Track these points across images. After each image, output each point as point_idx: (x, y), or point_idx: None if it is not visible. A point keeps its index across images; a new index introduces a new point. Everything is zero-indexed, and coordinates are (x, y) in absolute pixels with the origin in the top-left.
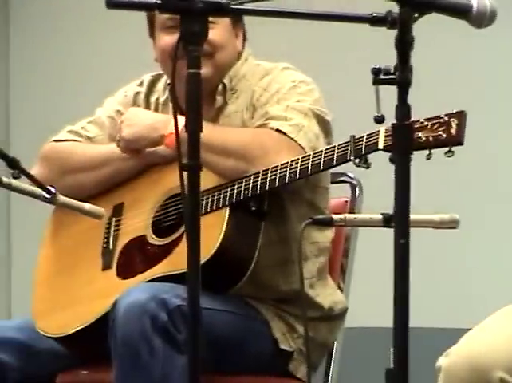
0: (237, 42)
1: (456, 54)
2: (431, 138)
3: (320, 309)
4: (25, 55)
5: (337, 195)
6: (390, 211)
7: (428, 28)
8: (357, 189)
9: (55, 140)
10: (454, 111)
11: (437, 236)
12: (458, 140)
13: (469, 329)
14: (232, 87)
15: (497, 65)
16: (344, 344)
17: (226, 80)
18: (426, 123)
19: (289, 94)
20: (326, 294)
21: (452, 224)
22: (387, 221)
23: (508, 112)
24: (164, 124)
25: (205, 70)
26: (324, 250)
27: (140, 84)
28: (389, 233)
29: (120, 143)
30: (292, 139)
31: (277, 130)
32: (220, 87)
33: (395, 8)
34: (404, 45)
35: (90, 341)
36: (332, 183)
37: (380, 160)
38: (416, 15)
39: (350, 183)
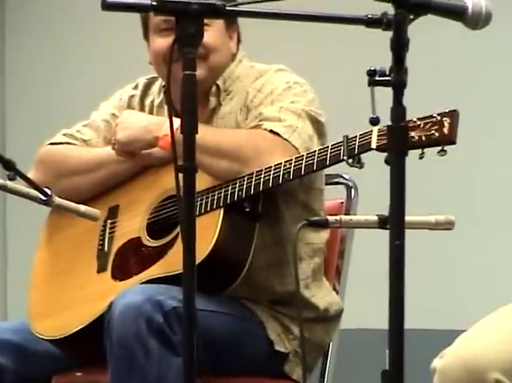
0: (231, 44)
1: (449, 53)
2: (423, 137)
3: (316, 310)
4: (21, 56)
5: (333, 196)
6: (385, 212)
7: (421, 27)
8: (352, 190)
9: (50, 143)
10: (447, 110)
11: (432, 237)
12: (450, 139)
13: (464, 331)
14: (226, 88)
15: (491, 64)
16: (340, 345)
17: (219, 82)
18: (418, 122)
19: (283, 95)
20: (321, 295)
21: (448, 225)
22: (382, 222)
23: (500, 112)
24: (158, 125)
25: (199, 72)
26: (319, 251)
27: (135, 88)
28: (385, 234)
29: (115, 145)
30: (286, 140)
31: (271, 131)
32: (214, 88)
33: (391, 9)
34: (400, 47)
35: (86, 342)
36: (327, 184)
37: (376, 161)
38: (412, 17)
39: (345, 184)
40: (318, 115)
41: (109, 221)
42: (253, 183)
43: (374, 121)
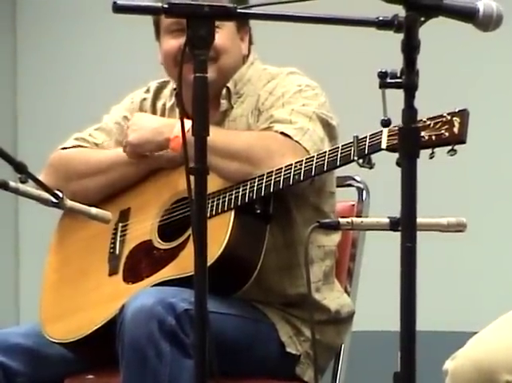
0: (242, 46)
1: (459, 53)
2: (433, 137)
3: (327, 312)
4: (32, 59)
5: (344, 198)
6: (397, 214)
7: (430, 27)
8: (364, 193)
9: (62, 148)
10: (457, 109)
11: (444, 239)
12: (460, 139)
13: (476, 333)
14: (237, 91)
15: (502, 64)
16: (352, 347)
17: (230, 85)
18: (428, 122)
19: (294, 98)
20: (333, 298)
21: (459, 227)
22: (394, 225)
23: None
24: (169, 127)
25: (208, 74)
26: (330, 254)
27: (147, 91)
28: (396, 236)
29: (126, 147)
30: (296, 142)
31: (282, 133)
32: (224, 91)
33: (402, 11)
34: (410, 49)
35: (98, 345)
36: (339, 186)
37: (387, 163)
38: (423, 19)
39: (357, 186)
40: (329, 118)
41: (120, 224)
42: (263, 184)
43: (385, 123)
